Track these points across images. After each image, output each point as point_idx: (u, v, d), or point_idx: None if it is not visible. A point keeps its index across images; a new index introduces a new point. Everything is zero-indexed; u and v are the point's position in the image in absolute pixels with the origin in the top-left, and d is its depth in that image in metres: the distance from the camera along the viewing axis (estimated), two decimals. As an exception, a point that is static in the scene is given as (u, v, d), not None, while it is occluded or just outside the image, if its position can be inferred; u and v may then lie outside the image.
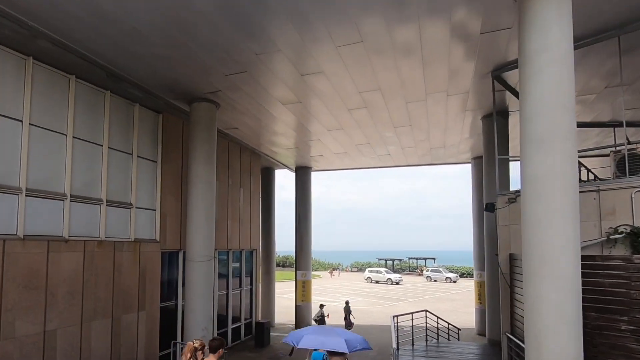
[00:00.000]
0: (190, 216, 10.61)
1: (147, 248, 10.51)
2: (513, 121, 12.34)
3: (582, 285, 5.35)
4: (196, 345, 4.45)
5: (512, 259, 9.22)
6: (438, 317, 13.65)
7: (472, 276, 44.82)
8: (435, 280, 40.98)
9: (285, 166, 18.69)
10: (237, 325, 15.29)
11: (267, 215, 19.17)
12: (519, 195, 9.42)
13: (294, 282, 19.30)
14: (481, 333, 16.74)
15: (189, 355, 4.34)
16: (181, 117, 11.48)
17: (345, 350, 3.91)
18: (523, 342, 8.60)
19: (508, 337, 9.12)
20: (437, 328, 13.49)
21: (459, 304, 24.89)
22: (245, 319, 15.94)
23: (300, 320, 18.43)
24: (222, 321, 14.27)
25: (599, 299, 6.66)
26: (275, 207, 19.73)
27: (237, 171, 15.24)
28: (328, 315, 15.20)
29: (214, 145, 10.78)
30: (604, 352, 6.55)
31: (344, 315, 16.13)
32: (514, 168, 13.34)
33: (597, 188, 7.67)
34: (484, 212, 10.14)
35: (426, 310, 13.39)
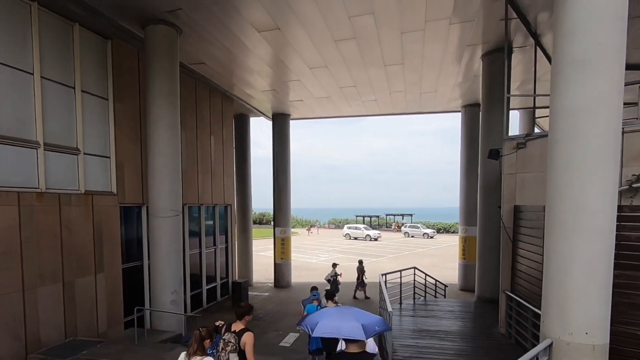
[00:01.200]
0: (152, 165, 9.09)
1: (102, 202, 8.98)
2: (516, 60, 11.15)
3: (607, 239, 4.41)
4: (203, 333, 3.93)
5: (517, 212, 8.31)
6: (426, 274, 13.00)
7: (449, 232, 45.96)
8: (412, 236, 41.21)
9: (262, 113, 17.02)
10: (212, 285, 14.22)
11: (243, 168, 17.68)
12: (531, 138, 8.42)
13: (272, 240, 18.30)
14: (464, 289, 16.44)
15: (195, 346, 3.84)
16: (136, 45, 9.58)
17: (362, 338, 3.44)
18: (525, 301, 8.00)
19: (507, 295, 8.42)
20: (425, 286, 12.88)
21: (438, 260, 24.76)
22: (221, 279, 14.89)
23: (280, 278, 17.61)
24: (195, 282, 13.14)
25: (622, 254, 5.80)
26: (251, 159, 18.20)
27: (207, 117, 13.53)
28: (340, 274, 14.31)
29: (176, 80, 9.09)
30: (622, 312, 5.78)
31: (356, 275, 15.31)
32: (513, 118, 12.32)
33: (622, 129, 6.67)
34: (487, 159, 9.08)
35: (415, 268, 12.69)
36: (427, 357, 7.45)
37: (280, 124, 17.29)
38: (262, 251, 28.97)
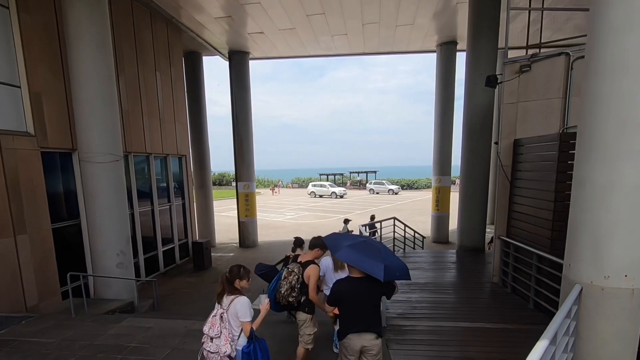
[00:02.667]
0: (78, 95, 7.17)
1: (14, 144, 6.96)
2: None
3: None
4: (227, 274, 3.35)
5: (518, 146, 7.29)
6: (405, 225, 12.12)
7: (412, 188, 46.21)
8: (377, 193, 40.93)
9: (216, 50, 14.79)
10: (169, 247, 12.59)
11: (197, 116, 15.60)
12: (537, 59, 7.28)
13: (234, 201, 16.71)
14: (437, 241, 15.91)
15: (221, 287, 3.37)
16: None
17: (380, 279, 3.13)
18: (525, 245, 7.19)
19: (503, 241, 7.56)
20: (404, 237, 12.04)
21: (406, 214, 24.34)
22: (180, 240, 13.26)
23: (245, 237, 16.23)
24: (149, 244, 11.45)
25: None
26: (207, 114, 16.09)
27: (150, 49, 11.31)
28: (352, 232, 12.95)
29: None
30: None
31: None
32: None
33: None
34: (485, 87, 7.88)
35: (394, 218, 11.74)
36: (423, 311, 6.50)
37: (239, 64, 15.19)
38: (225, 212, 27.35)
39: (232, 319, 3.26)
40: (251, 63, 15.66)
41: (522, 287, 6.89)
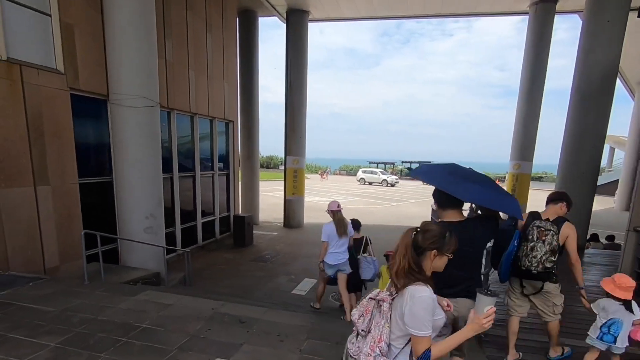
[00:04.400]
0: (111, 23, 6.01)
1: (40, 80, 6.02)
2: None
3: None
4: (419, 233, 1.78)
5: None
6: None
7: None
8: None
9: (273, 8, 13.46)
10: (209, 219, 11.62)
11: (248, 79, 14.45)
12: None
13: (281, 182, 15.52)
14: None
15: (400, 256, 1.72)
16: None
17: (521, 217, 2.56)
18: None
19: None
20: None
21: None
22: (221, 213, 12.27)
23: (291, 216, 15.01)
24: (187, 214, 10.50)
25: None
26: (259, 70, 14.87)
27: (202, 3, 10.20)
28: None
29: None
30: None
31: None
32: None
33: None
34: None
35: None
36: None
37: (297, 24, 13.76)
38: (271, 192, 26.50)
39: (397, 318, 1.72)
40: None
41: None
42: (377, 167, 47.19)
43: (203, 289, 7.41)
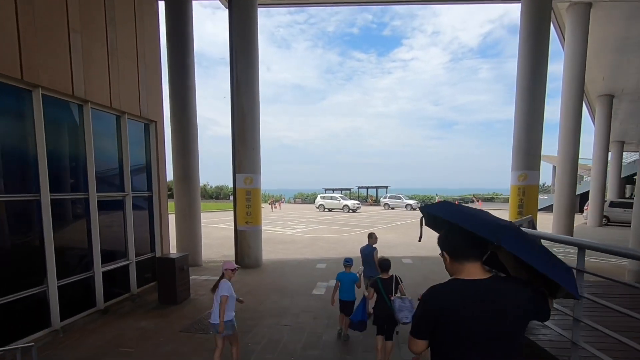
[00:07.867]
0: None
1: None
2: None
3: None
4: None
5: None
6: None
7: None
8: (393, 208, 36.01)
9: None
10: (118, 265, 7.64)
11: (181, 70, 10.94)
12: None
13: (231, 212, 11.90)
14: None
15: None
16: None
17: (576, 295, 1.52)
18: None
19: None
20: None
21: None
22: (140, 255, 8.36)
23: (244, 253, 11.31)
24: (74, 259, 6.57)
25: None
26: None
27: None
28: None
29: None
30: None
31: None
32: None
33: None
34: None
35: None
36: None
37: (243, 8, 10.63)
38: (219, 223, 22.48)
39: None
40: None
41: None
42: (334, 193, 44.39)
43: None
